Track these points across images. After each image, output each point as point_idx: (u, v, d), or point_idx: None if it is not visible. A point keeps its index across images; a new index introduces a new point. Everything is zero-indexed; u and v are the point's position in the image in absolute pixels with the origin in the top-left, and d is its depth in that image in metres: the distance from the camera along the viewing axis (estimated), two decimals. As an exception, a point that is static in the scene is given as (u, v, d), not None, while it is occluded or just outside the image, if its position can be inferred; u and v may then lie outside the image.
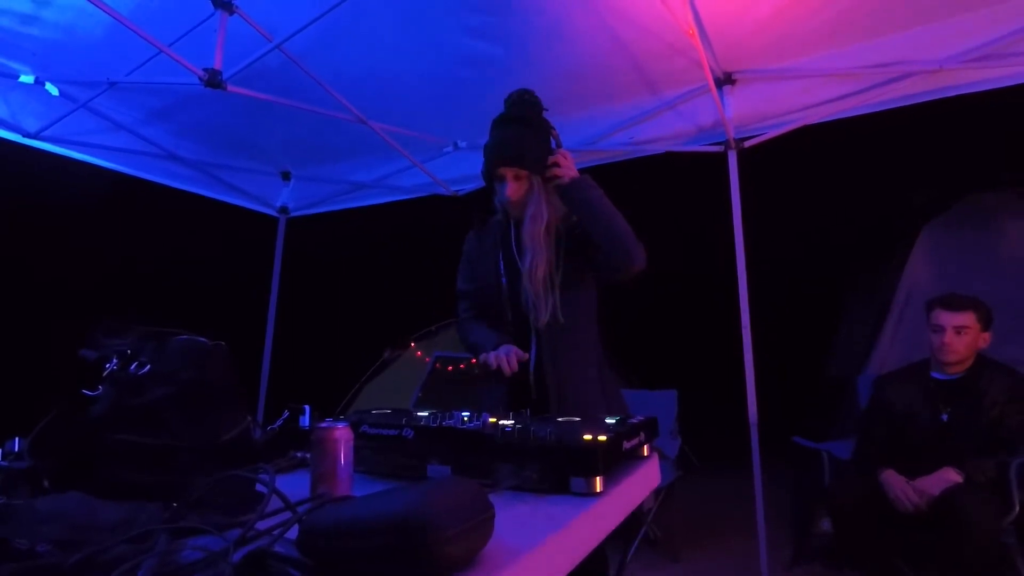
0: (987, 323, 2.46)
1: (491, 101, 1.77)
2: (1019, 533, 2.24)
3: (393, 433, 1.14)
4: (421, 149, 3.46)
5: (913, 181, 4.63)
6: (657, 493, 3.32)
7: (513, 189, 1.67)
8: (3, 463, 0.89)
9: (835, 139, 3.21)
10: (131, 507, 0.75)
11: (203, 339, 0.96)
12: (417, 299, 5.56)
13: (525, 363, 1.67)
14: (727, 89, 2.84)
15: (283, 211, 4.16)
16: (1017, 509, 2.22)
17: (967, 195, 3.67)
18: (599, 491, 0.99)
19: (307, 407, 1.36)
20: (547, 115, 1.74)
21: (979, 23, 2.37)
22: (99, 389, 0.90)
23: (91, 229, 4.93)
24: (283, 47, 2.38)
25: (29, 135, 2.93)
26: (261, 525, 0.73)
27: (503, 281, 1.75)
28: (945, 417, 2.44)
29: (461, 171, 3.56)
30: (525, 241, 1.69)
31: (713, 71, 2.67)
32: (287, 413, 1.34)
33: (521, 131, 1.67)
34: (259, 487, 0.85)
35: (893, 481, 2.33)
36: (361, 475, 1.12)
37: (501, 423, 1.14)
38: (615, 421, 1.26)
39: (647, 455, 1.31)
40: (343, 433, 0.95)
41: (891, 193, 4.86)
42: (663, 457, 3.35)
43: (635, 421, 1.29)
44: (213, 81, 2.25)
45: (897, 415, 2.53)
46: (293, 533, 0.69)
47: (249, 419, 0.99)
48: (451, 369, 4.15)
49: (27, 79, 2.71)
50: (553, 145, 1.70)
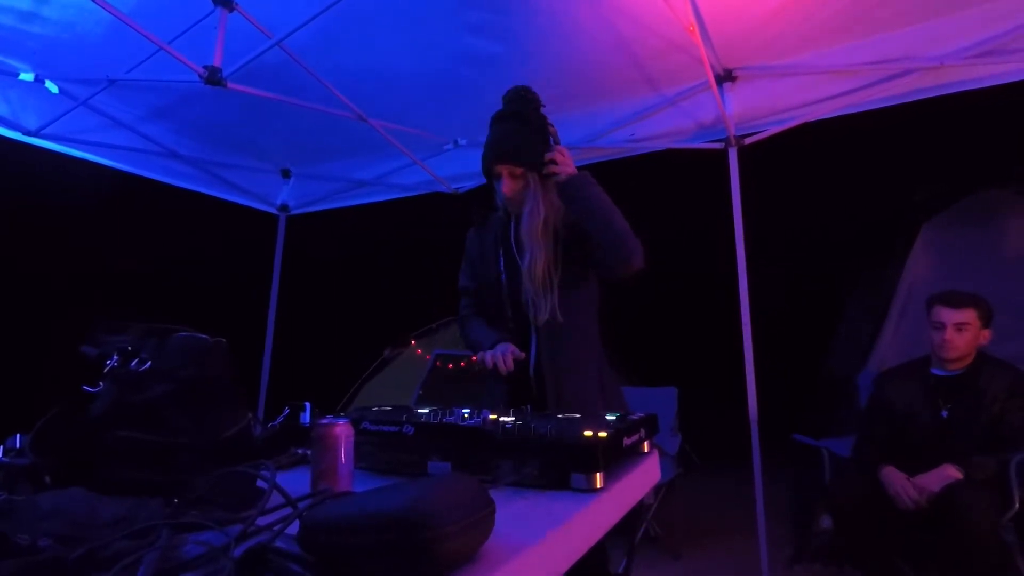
0: (988, 320, 2.46)
1: (492, 98, 1.77)
2: (1019, 530, 2.24)
3: (393, 429, 1.14)
4: (421, 147, 3.46)
5: (914, 178, 4.62)
6: (657, 490, 3.32)
7: (510, 186, 1.67)
8: (4, 459, 0.89)
9: (836, 136, 3.20)
10: (132, 503, 0.75)
11: (204, 336, 0.96)
12: (417, 297, 5.57)
13: (525, 360, 1.68)
14: (728, 86, 2.84)
15: (283, 209, 4.16)
16: (1017, 506, 2.22)
17: (968, 192, 3.67)
18: (599, 487, 0.99)
19: (308, 404, 1.37)
20: (547, 112, 1.73)
21: (980, 19, 2.36)
22: (100, 386, 0.91)
23: (91, 227, 4.94)
24: (283, 44, 2.38)
25: (29, 133, 2.93)
26: (262, 521, 0.73)
27: (503, 278, 1.75)
28: (945, 414, 2.44)
29: (461, 169, 3.56)
30: (523, 238, 1.69)
31: (714, 68, 2.66)
32: (288, 410, 1.34)
33: (517, 128, 1.66)
34: (260, 483, 0.86)
35: (893, 478, 2.33)
36: (362, 471, 1.12)
37: (501, 420, 1.15)
38: (615, 417, 1.26)
39: (647, 451, 1.31)
40: (344, 429, 0.95)
41: (892, 190, 4.85)
42: (663, 454, 3.35)
43: (635, 418, 1.29)
44: (213, 79, 2.25)
45: (897, 412, 2.53)
46: (294, 529, 0.69)
47: (250, 416, 1.00)
48: (451, 367, 4.15)
49: (27, 77, 2.71)
50: (552, 142, 1.70)
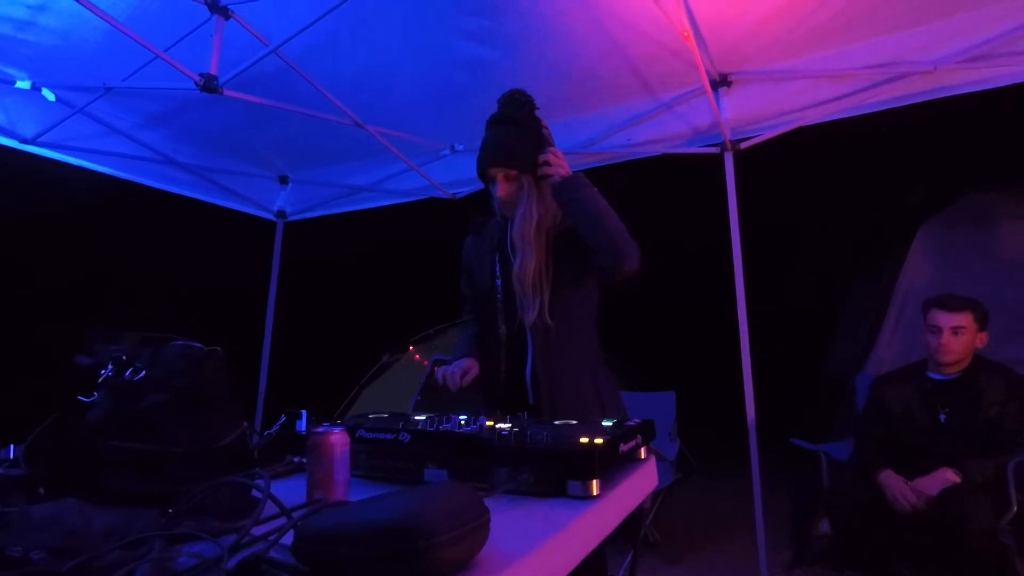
0: (984, 323, 2.47)
1: (488, 104, 1.77)
2: (1017, 533, 2.24)
3: (389, 437, 1.13)
4: (418, 152, 3.46)
5: (909, 182, 4.64)
6: (656, 495, 3.32)
7: (504, 189, 1.67)
8: (-2, 470, 0.89)
9: (831, 140, 3.22)
10: (126, 514, 0.75)
11: (198, 345, 0.96)
12: (415, 302, 5.57)
13: (520, 364, 1.69)
14: (723, 91, 2.85)
15: (280, 215, 4.17)
16: (1015, 509, 2.22)
17: (964, 196, 3.68)
18: (596, 494, 0.99)
19: (304, 412, 1.36)
20: (543, 117, 1.74)
21: (973, 23, 2.38)
22: (95, 395, 0.90)
23: (88, 234, 4.93)
24: (279, 52, 2.38)
25: (26, 140, 2.93)
26: (256, 531, 0.73)
27: (498, 282, 1.75)
28: (943, 417, 2.44)
29: (458, 174, 3.57)
30: (515, 241, 1.69)
31: (709, 73, 2.67)
32: (284, 418, 1.33)
33: (509, 131, 1.67)
34: (255, 493, 0.85)
35: (891, 482, 2.34)
36: (358, 479, 1.12)
37: (498, 427, 1.14)
38: (612, 424, 1.26)
39: (644, 457, 1.31)
40: (339, 438, 0.95)
41: (887, 194, 4.87)
42: (661, 459, 3.35)
43: (632, 424, 1.29)
44: (209, 86, 2.25)
45: (895, 416, 2.54)
46: (288, 539, 0.69)
47: (245, 424, 0.99)
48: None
49: (23, 85, 2.71)
50: (546, 144, 1.69)
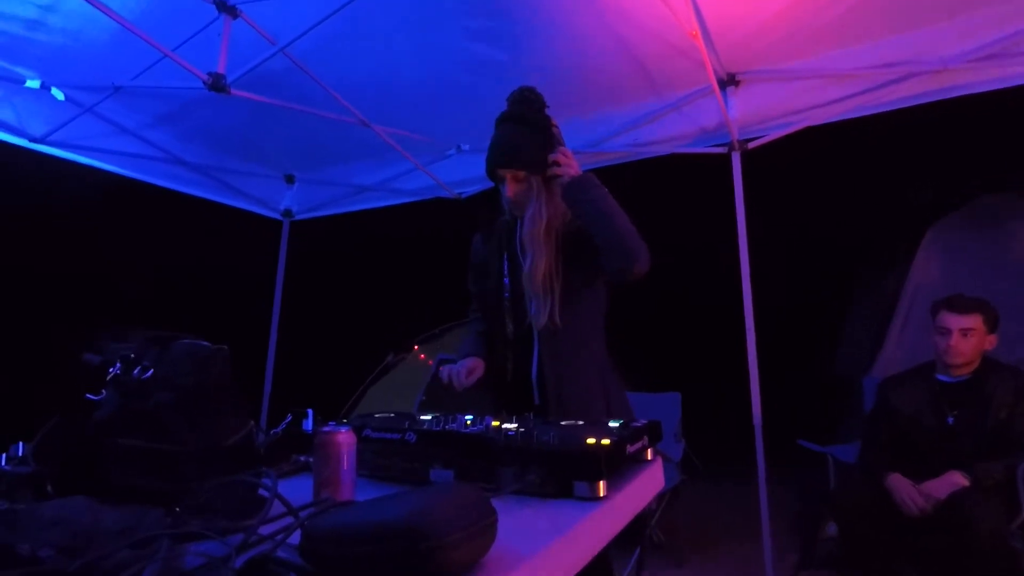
0: (993, 325, 2.44)
1: (494, 104, 1.77)
2: (1027, 537, 2.22)
3: (396, 437, 1.13)
4: (424, 152, 3.47)
5: (918, 182, 4.61)
6: (661, 497, 3.31)
7: (513, 189, 1.66)
8: (7, 468, 0.89)
9: (839, 140, 3.20)
10: (134, 512, 0.75)
11: (205, 343, 0.96)
12: (420, 302, 5.57)
13: (526, 364, 1.68)
14: (731, 90, 2.84)
15: (287, 214, 4.18)
16: (1025, 512, 2.20)
17: (973, 196, 3.66)
18: (602, 495, 0.98)
19: (310, 411, 1.36)
20: (550, 116, 1.73)
21: (983, 23, 2.36)
22: (102, 394, 0.90)
23: (96, 233, 4.96)
24: (287, 51, 2.39)
25: (35, 139, 2.95)
26: (263, 530, 0.73)
27: (505, 281, 1.75)
28: (951, 420, 2.42)
29: (465, 174, 3.57)
30: (525, 242, 1.68)
31: (716, 72, 2.66)
32: (290, 417, 1.34)
33: (520, 130, 1.65)
34: (262, 492, 0.85)
35: (899, 484, 2.32)
36: (364, 479, 1.11)
37: (504, 427, 1.14)
38: (618, 425, 1.26)
39: (651, 459, 1.30)
40: (346, 437, 0.95)
41: (896, 194, 4.85)
42: (667, 460, 3.34)
43: (638, 425, 1.29)
44: (217, 85, 2.26)
45: (903, 418, 2.52)
46: (295, 538, 0.69)
47: (252, 423, 0.99)
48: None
49: (33, 84, 2.73)
50: (555, 143, 1.68)
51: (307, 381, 4.33)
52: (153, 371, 0.91)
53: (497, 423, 1.18)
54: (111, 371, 0.92)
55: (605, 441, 1.02)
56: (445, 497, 0.69)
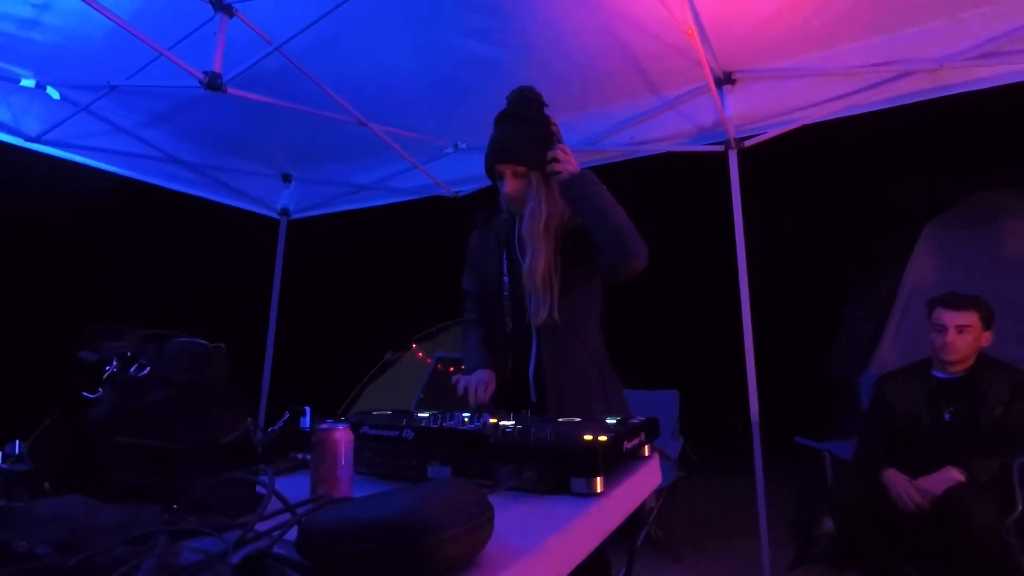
0: (989, 322, 2.45)
1: (492, 102, 1.77)
2: (1022, 532, 2.23)
3: (393, 434, 1.13)
4: (421, 151, 3.46)
5: (914, 180, 4.62)
6: (659, 493, 3.32)
7: (512, 185, 1.67)
8: (3, 465, 0.89)
9: (835, 138, 3.21)
10: (131, 509, 0.75)
11: (202, 341, 0.96)
12: (418, 300, 5.57)
13: (524, 361, 1.69)
14: (727, 89, 2.84)
15: (284, 213, 4.17)
16: (1020, 508, 2.21)
17: (969, 194, 3.67)
18: (600, 492, 0.99)
19: (308, 408, 1.36)
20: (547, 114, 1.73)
21: (979, 21, 2.36)
22: (99, 392, 0.90)
23: (92, 232, 4.95)
24: (283, 50, 2.39)
25: (31, 139, 2.94)
26: (260, 527, 0.73)
27: (504, 279, 1.75)
28: (947, 416, 2.44)
29: (462, 172, 3.56)
30: (525, 238, 1.68)
31: (713, 71, 2.66)
32: (288, 414, 1.34)
33: (519, 127, 1.66)
34: (259, 489, 0.85)
35: (895, 480, 2.33)
36: (361, 476, 1.12)
37: (501, 424, 1.14)
38: (616, 421, 1.26)
39: (648, 455, 1.31)
40: (343, 435, 0.95)
41: (892, 191, 4.86)
42: (665, 457, 3.34)
43: (635, 421, 1.29)
44: (213, 84, 2.26)
45: (899, 414, 2.53)
46: (292, 535, 0.69)
47: (249, 421, 0.99)
48: (452, 370, 4.15)
49: (28, 83, 2.72)
50: (554, 140, 1.69)
51: (305, 379, 4.33)
52: (150, 369, 0.91)
53: (494, 420, 1.18)
54: (107, 369, 0.92)
55: (602, 437, 1.02)
56: (442, 493, 0.69)
